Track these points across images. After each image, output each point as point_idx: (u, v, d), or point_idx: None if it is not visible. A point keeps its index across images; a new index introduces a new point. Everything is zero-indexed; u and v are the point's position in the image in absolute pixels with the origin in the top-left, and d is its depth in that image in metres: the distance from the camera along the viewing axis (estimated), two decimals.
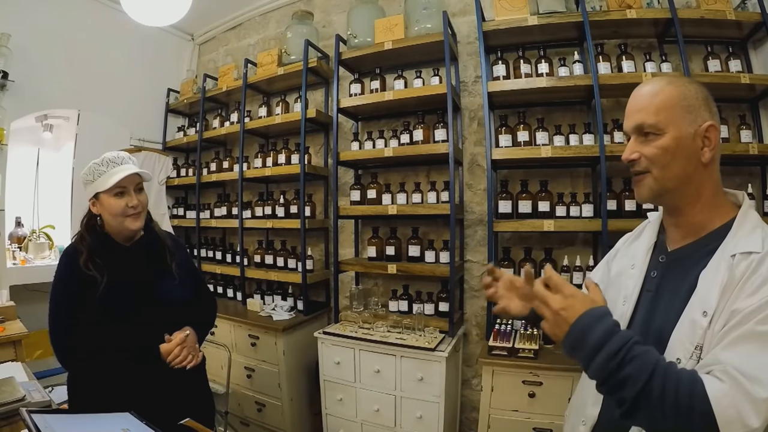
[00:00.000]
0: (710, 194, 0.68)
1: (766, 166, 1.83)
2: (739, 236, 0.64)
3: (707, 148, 0.66)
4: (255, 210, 2.53)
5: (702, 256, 0.66)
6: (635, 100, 0.70)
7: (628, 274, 0.78)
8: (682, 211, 0.70)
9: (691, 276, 0.65)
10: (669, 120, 0.66)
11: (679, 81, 0.69)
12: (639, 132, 0.69)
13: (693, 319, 0.62)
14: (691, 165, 0.66)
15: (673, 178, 0.67)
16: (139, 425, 0.94)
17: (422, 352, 1.75)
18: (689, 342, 0.61)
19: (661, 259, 0.74)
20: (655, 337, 0.66)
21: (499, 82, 1.88)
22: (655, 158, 0.67)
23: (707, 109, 0.67)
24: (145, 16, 1.80)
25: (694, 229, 0.70)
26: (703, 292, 0.62)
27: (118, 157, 1.17)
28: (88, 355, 1.10)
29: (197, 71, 3.11)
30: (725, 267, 0.61)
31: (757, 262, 0.59)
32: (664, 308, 0.69)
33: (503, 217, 1.87)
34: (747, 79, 1.69)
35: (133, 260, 1.18)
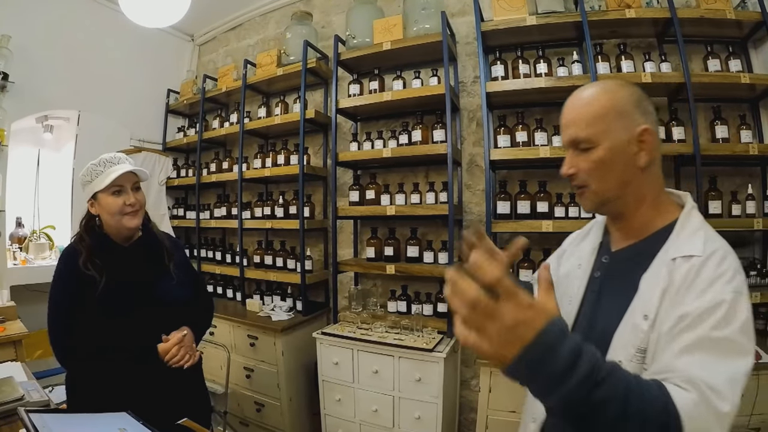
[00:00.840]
0: (652, 197, 0.68)
1: (766, 167, 1.83)
2: (681, 239, 0.64)
3: (643, 152, 0.65)
4: (254, 210, 2.53)
5: (644, 258, 0.66)
6: (567, 112, 0.70)
7: (574, 274, 0.78)
8: (626, 215, 0.70)
9: (633, 278, 0.65)
10: (601, 131, 0.65)
11: (610, 87, 0.68)
12: (574, 146, 0.68)
13: (634, 323, 0.62)
14: (629, 172, 0.66)
15: (612, 189, 0.67)
16: (135, 425, 0.95)
17: (420, 352, 1.75)
18: (631, 345, 0.61)
19: (605, 260, 0.75)
20: (598, 338, 0.66)
21: (497, 82, 1.88)
22: (592, 172, 0.67)
23: (641, 112, 0.66)
24: (144, 18, 1.81)
25: (637, 230, 0.70)
26: (645, 295, 0.62)
27: (114, 157, 1.19)
28: (86, 354, 1.11)
29: (197, 72, 3.12)
30: (666, 271, 0.61)
31: (699, 265, 0.59)
32: (607, 309, 0.69)
33: (502, 217, 1.87)
34: (747, 78, 1.69)
35: (132, 260, 1.19)
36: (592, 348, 0.51)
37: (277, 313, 2.24)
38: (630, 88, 0.68)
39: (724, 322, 0.54)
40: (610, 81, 0.70)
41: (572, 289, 0.76)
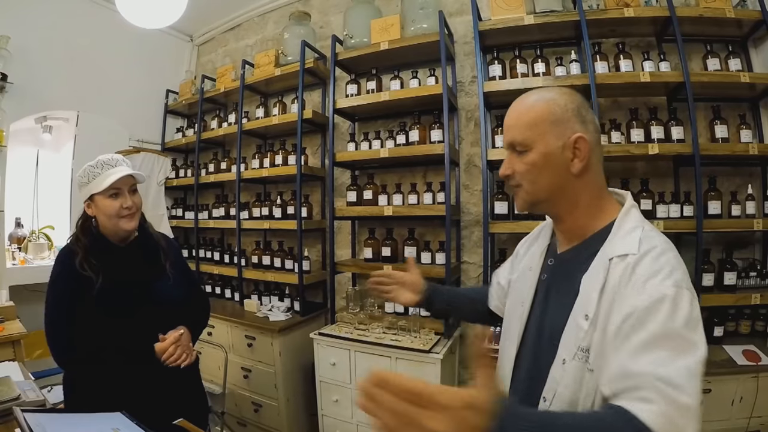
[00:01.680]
0: (588, 201, 0.70)
1: (766, 167, 1.82)
2: (617, 238, 0.66)
3: (577, 159, 0.68)
4: (252, 211, 2.54)
5: (584, 258, 0.68)
6: (508, 117, 0.73)
7: (525, 277, 0.81)
8: (562, 218, 0.73)
9: (575, 279, 0.67)
10: (536, 136, 0.68)
11: (550, 95, 0.71)
12: (512, 148, 0.72)
13: (577, 323, 0.64)
14: (561, 177, 0.69)
15: (542, 190, 0.70)
16: (129, 425, 0.96)
17: (417, 353, 1.75)
18: (573, 344, 0.63)
19: (550, 262, 0.77)
20: (547, 340, 0.69)
21: (495, 82, 1.88)
22: (525, 173, 0.70)
23: (578, 120, 0.69)
24: (140, 18, 1.82)
25: (577, 232, 0.72)
26: (585, 295, 0.64)
27: (112, 159, 1.19)
28: (84, 355, 1.11)
29: (196, 72, 3.13)
30: (603, 270, 0.63)
31: (634, 263, 0.60)
32: (553, 311, 0.71)
33: (499, 218, 1.87)
34: (747, 78, 1.68)
35: (129, 261, 1.20)
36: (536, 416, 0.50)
37: (275, 313, 2.25)
38: (570, 96, 0.70)
39: (669, 318, 0.54)
40: (553, 89, 0.73)
41: (523, 292, 0.79)
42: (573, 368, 0.63)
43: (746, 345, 1.61)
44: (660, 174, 1.85)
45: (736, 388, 1.50)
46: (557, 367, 0.66)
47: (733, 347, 1.61)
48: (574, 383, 0.63)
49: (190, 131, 2.97)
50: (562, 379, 0.64)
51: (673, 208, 1.72)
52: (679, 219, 1.70)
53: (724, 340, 1.68)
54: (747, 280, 1.72)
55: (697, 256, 1.63)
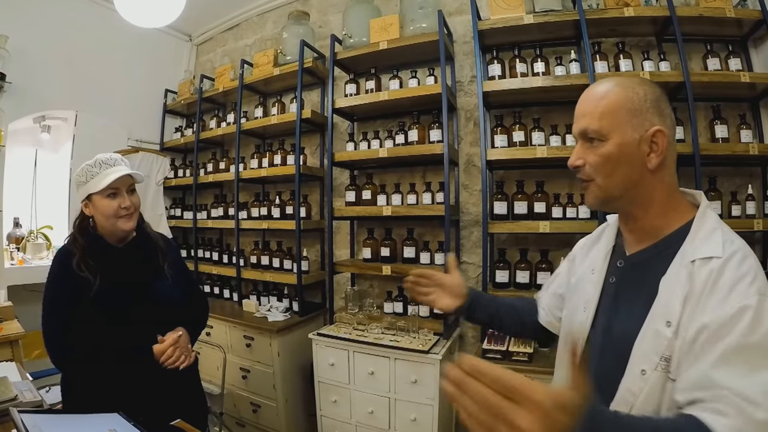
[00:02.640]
0: (662, 199, 0.67)
1: (766, 167, 1.81)
2: (698, 240, 0.62)
3: (654, 154, 0.64)
4: (251, 211, 2.54)
5: (661, 260, 0.64)
6: (582, 103, 0.69)
7: (588, 279, 0.76)
8: (635, 216, 0.69)
9: (650, 281, 0.64)
10: (613, 126, 0.64)
11: (628, 83, 0.66)
12: (584, 137, 0.68)
13: (656, 330, 0.60)
14: (637, 172, 0.65)
15: (617, 186, 0.66)
16: (126, 425, 0.96)
17: (416, 354, 1.75)
18: (654, 353, 0.59)
19: (619, 264, 0.73)
20: (616, 346, 0.65)
21: (494, 81, 1.87)
22: (598, 166, 0.66)
23: (657, 113, 0.65)
24: (139, 18, 1.82)
25: (651, 232, 0.68)
26: (665, 300, 0.61)
27: (110, 159, 1.18)
28: (81, 355, 1.11)
29: (195, 72, 3.13)
30: (686, 274, 0.60)
31: (719, 268, 0.58)
32: (624, 315, 0.67)
33: (498, 218, 1.87)
34: (747, 77, 1.68)
35: (126, 261, 1.20)
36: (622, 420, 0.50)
37: (274, 313, 2.25)
38: (649, 87, 0.66)
39: (751, 329, 0.53)
40: (631, 78, 0.69)
41: (587, 296, 0.75)
42: (656, 380, 0.59)
43: None
44: None
45: None
46: (634, 378, 0.61)
47: None
48: (655, 395, 0.59)
49: (188, 131, 2.97)
50: (641, 391, 0.60)
51: None
52: None
53: None
54: None
55: None
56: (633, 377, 0.61)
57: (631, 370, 0.62)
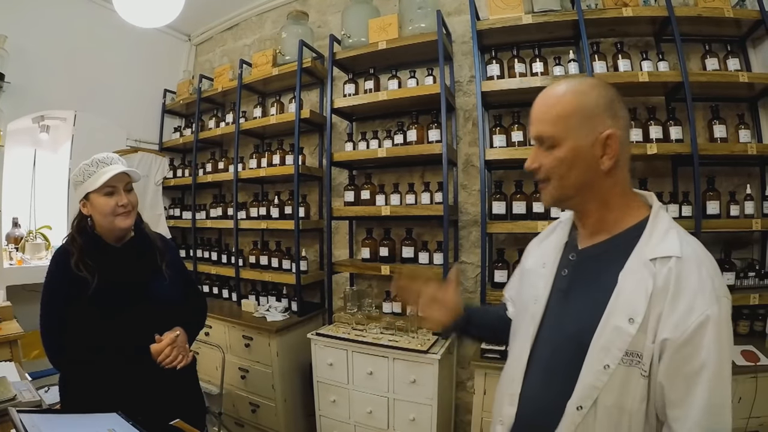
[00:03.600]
0: (616, 198, 0.69)
1: (765, 167, 1.82)
2: (654, 239, 0.65)
3: (606, 156, 0.66)
4: (250, 211, 2.54)
5: (615, 255, 0.66)
6: (536, 109, 0.71)
7: (538, 273, 0.78)
8: (589, 212, 0.72)
9: (605, 276, 0.66)
10: (566, 131, 0.66)
11: (581, 87, 0.68)
12: (539, 142, 0.70)
13: (616, 326, 0.62)
14: (590, 173, 0.67)
15: (571, 186, 0.69)
16: (125, 425, 0.96)
17: (415, 354, 1.75)
18: (616, 348, 0.61)
19: (572, 257, 0.74)
20: (571, 339, 0.67)
21: (492, 81, 1.88)
22: (553, 168, 0.68)
23: (610, 115, 0.66)
24: (137, 17, 1.83)
25: (605, 228, 0.71)
26: (627, 297, 0.62)
27: (107, 158, 1.19)
28: (79, 355, 1.11)
29: (194, 72, 3.14)
30: (648, 273, 0.62)
31: (678, 271, 0.60)
32: (577, 309, 0.69)
33: (497, 218, 1.87)
34: (746, 77, 1.68)
35: (124, 261, 1.20)
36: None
37: (272, 313, 2.25)
38: (602, 90, 0.68)
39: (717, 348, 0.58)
40: (584, 80, 0.70)
41: (537, 290, 0.76)
42: (620, 374, 0.61)
43: (745, 345, 1.60)
44: (658, 174, 1.86)
45: (735, 389, 1.48)
46: (597, 373, 0.62)
47: None
48: (621, 388, 0.61)
49: (187, 131, 2.97)
50: (605, 386, 0.62)
51: (671, 208, 1.72)
52: (677, 219, 1.68)
53: None
54: (745, 281, 1.72)
55: None
56: (595, 373, 0.62)
57: (590, 366, 0.63)
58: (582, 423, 0.63)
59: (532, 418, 0.70)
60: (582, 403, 0.63)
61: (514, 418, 0.73)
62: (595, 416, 0.62)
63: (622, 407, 0.61)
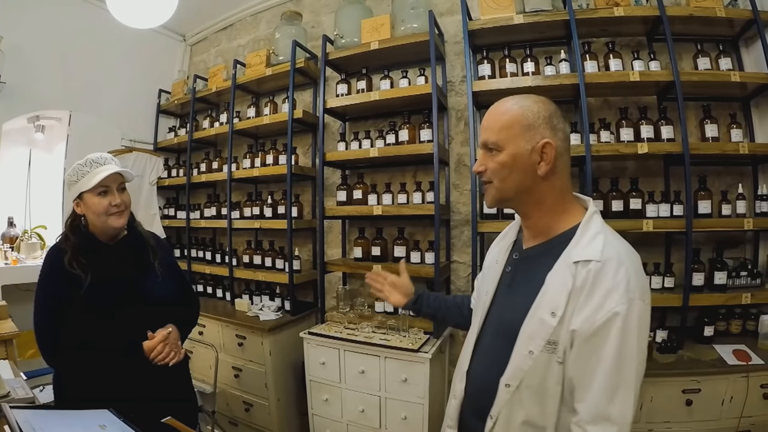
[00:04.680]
0: (552, 202, 0.78)
1: (757, 166, 1.84)
2: (581, 243, 0.73)
3: (543, 163, 0.75)
4: (243, 210, 2.58)
5: (548, 257, 0.75)
6: (486, 119, 0.80)
7: (491, 269, 0.89)
8: (527, 214, 0.81)
9: (538, 275, 0.75)
10: (508, 138, 0.76)
11: (526, 102, 0.78)
12: (485, 147, 0.79)
13: (541, 318, 0.72)
14: (528, 177, 0.76)
15: (511, 189, 0.78)
16: (116, 422, 0.98)
17: (406, 353, 1.78)
18: (539, 337, 0.71)
19: (515, 257, 0.85)
20: (507, 328, 0.77)
21: (483, 81, 1.90)
22: (495, 171, 0.77)
23: (548, 128, 0.75)
24: (131, 18, 1.85)
25: (542, 230, 0.80)
26: (551, 294, 0.72)
27: (101, 158, 1.22)
28: (72, 352, 1.14)
29: (188, 72, 3.17)
30: (570, 273, 0.70)
31: (596, 272, 0.68)
32: (515, 302, 0.79)
33: (488, 217, 1.90)
34: (737, 77, 1.70)
35: (117, 259, 1.23)
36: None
37: (266, 312, 2.28)
38: (543, 105, 0.77)
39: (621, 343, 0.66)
40: (530, 96, 0.79)
41: (488, 283, 0.88)
42: (542, 359, 0.71)
43: (737, 345, 1.63)
44: (650, 173, 1.88)
45: (726, 388, 1.51)
46: (523, 357, 0.73)
47: (723, 347, 1.63)
48: (542, 371, 0.71)
49: (182, 131, 3.01)
50: (530, 369, 0.72)
51: (663, 208, 1.74)
52: (669, 218, 1.73)
53: (714, 340, 1.70)
54: (737, 280, 1.73)
55: (687, 255, 1.65)
56: (521, 357, 0.73)
57: (518, 351, 0.74)
58: (510, 399, 0.74)
59: (476, 394, 0.82)
60: (510, 382, 0.74)
61: (464, 393, 0.85)
62: (521, 394, 0.73)
63: (545, 388, 0.72)
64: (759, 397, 1.47)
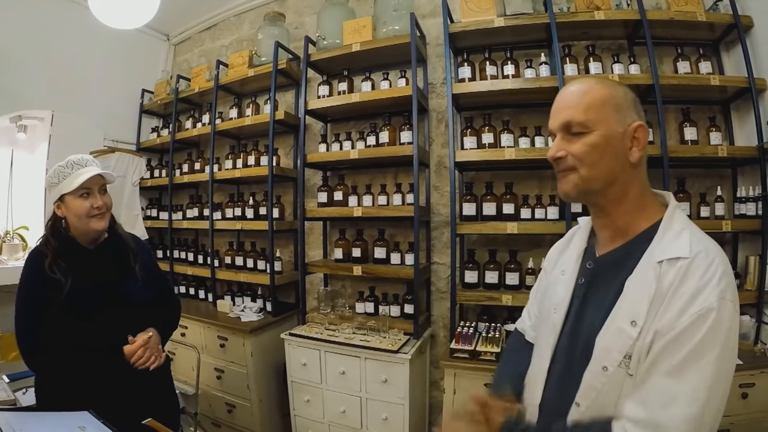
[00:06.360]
0: (636, 194, 0.71)
1: (737, 169, 1.92)
2: (665, 240, 0.66)
3: (636, 148, 0.69)
4: (225, 211, 2.64)
5: (629, 261, 0.68)
6: (563, 97, 0.73)
7: (558, 282, 0.80)
8: (607, 210, 0.73)
9: (618, 282, 0.67)
10: (598, 118, 0.68)
11: (608, 81, 0.73)
12: (566, 130, 0.71)
13: (620, 328, 0.63)
14: (619, 164, 0.69)
15: (600, 177, 0.69)
16: (96, 423, 1.03)
17: (386, 354, 1.85)
18: (617, 351, 0.63)
19: (589, 266, 0.76)
20: (583, 346, 0.69)
21: (463, 84, 1.98)
22: (584, 156, 0.68)
23: (635, 111, 0.71)
24: (112, 18, 1.91)
25: (621, 231, 0.72)
26: (631, 299, 0.64)
27: (82, 160, 1.27)
28: (52, 355, 1.18)
29: (172, 72, 3.22)
30: (653, 275, 0.63)
31: (685, 269, 0.62)
32: (591, 315, 0.70)
33: (467, 219, 1.98)
34: (717, 80, 1.78)
35: (98, 262, 1.28)
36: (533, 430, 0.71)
37: (247, 314, 2.35)
38: (627, 88, 0.73)
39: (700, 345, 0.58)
40: (608, 78, 0.79)
41: (557, 298, 0.78)
42: (618, 376, 0.63)
43: None
44: None
45: None
46: (597, 374, 0.65)
47: None
48: (615, 389, 0.64)
49: (165, 131, 3.06)
50: (603, 386, 0.64)
51: None
52: None
53: None
54: None
55: None
56: (595, 374, 0.65)
57: (593, 367, 0.66)
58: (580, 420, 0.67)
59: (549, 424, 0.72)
60: (580, 401, 0.67)
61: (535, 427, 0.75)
62: (592, 415, 0.66)
63: (611, 408, 0.64)
64: (737, 397, 1.53)
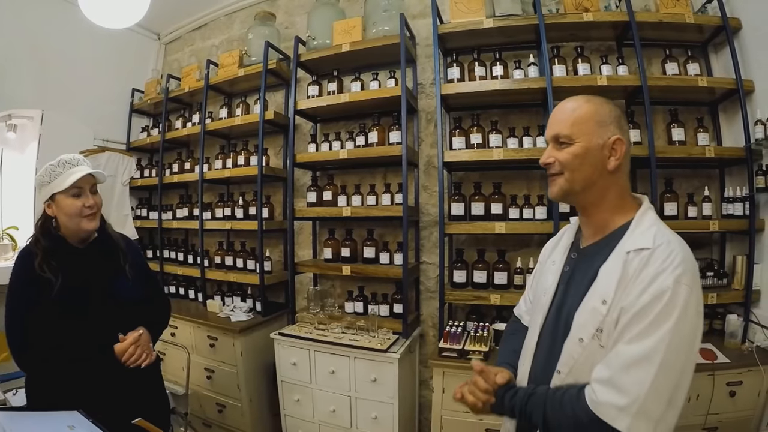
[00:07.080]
0: (614, 197, 0.86)
1: (724, 169, 1.97)
2: (635, 234, 0.80)
3: (613, 158, 0.84)
4: (215, 211, 2.68)
5: (605, 252, 0.83)
6: (556, 114, 0.89)
7: (548, 271, 0.97)
8: (588, 210, 0.89)
9: (594, 269, 0.83)
10: (581, 132, 0.84)
11: (597, 100, 0.87)
12: (556, 141, 0.87)
13: (594, 306, 0.78)
14: (597, 171, 0.84)
15: (580, 180, 0.85)
16: (85, 423, 1.05)
17: (375, 353, 1.89)
18: (591, 326, 0.78)
19: (573, 256, 0.93)
20: (564, 322, 0.85)
21: (452, 84, 2.01)
22: (567, 162, 0.85)
23: (617, 127, 0.85)
24: (102, 18, 1.93)
25: (600, 227, 0.88)
26: (603, 283, 0.79)
27: (73, 159, 1.29)
28: (42, 355, 1.20)
29: (162, 71, 3.24)
30: (621, 262, 0.77)
31: (647, 257, 0.75)
32: (572, 297, 0.86)
33: (456, 219, 2.02)
34: (705, 82, 1.82)
35: (88, 262, 1.30)
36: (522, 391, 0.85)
37: (237, 313, 2.39)
38: (613, 106, 0.87)
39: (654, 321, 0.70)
40: (596, 97, 0.89)
41: (546, 284, 0.95)
42: (592, 347, 0.78)
43: (703, 344, 1.71)
44: None
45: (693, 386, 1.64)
46: (574, 345, 0.80)
47: None
48: (590, 359, 0.78)
49: (155, 131, 3.08)
50: (580, 355, 0.79)
51: None
52: None
53: None
54: (704, 280, 1.85)
55: None
56: (573, 344, 0.80)
57: (571, 338, 0.81)
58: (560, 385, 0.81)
59: None
60: (561, 369, 0.82)
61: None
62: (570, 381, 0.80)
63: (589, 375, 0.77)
64: (725, 395, 1.57)
